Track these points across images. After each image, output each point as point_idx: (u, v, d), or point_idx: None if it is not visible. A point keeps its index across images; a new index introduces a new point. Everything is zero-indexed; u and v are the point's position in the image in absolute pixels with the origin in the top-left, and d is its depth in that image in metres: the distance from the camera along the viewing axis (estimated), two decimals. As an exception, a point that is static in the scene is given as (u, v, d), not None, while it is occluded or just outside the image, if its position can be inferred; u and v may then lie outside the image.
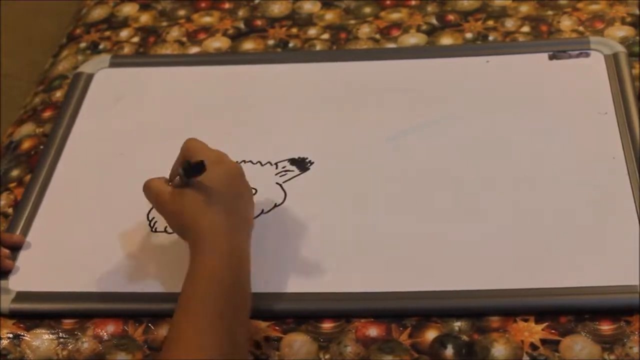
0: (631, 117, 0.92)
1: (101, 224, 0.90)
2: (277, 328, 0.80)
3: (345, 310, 0.80)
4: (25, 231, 0.90)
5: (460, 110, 0.97)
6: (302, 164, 0.93)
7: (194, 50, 1.11)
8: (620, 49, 1.00)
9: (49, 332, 0.82)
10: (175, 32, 1.14)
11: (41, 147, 1.00)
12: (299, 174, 0.92)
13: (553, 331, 0.77)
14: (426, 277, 0.81)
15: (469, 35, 1.07)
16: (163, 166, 0.95)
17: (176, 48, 1.12)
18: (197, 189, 0.77)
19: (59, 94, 1.07)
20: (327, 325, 0.79)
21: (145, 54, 1.12)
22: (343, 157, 0.94)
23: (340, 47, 1.08)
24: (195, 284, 0.74)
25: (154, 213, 0.90)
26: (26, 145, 1.01)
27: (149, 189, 0.82)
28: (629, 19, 1.05)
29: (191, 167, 0.77)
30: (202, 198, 0.77)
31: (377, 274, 0.82)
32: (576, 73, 0.99)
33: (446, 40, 1.07)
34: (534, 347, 0.76)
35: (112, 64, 1.09)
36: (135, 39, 1.14)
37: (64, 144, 0.99)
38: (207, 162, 0.76)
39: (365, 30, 1.10)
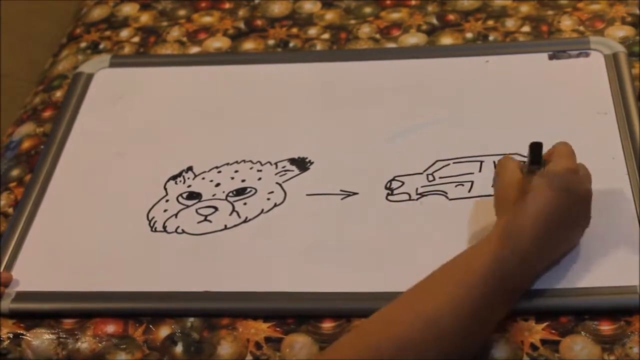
0: (631, 117, 0.92)
1: (101, 224, 0.90)
2: (277, 329, 0.80)
3: (345, 310, 0.80)
4: (25, 231, 0.90)
5: (460, 110, 0.97)
6: (302, 164, 0.93)
7: (194, 50, 1.11)
8: (620, 48, 1.00)
9: (48, 331, 0.82)
10: (175, 32, 1.14)
11: (41, 147, 1.00)
12: (299, 174, 0.93)
13: (553, 331, 0.77)
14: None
15: (469, 35, 1.07)
16: (163, 166, 0.95)
17: (176, 48, 1.12)
18: (538, 184, 0.75)
19: (59, 94, 1.07)
20: (327, 325, 0.79)
21: (145, 53, 1.12)
22: (343, 157, 0.94)
23: (340, 47, 1.08)
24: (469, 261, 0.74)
25: (154, 212, 0.90)
26: (26, 145, 1.01)
27: (504, 161, 0.81)
28: (629, 19, 1.05)
29: (533, 150, 0.76)
30: (531, 192, 0.75)
31: (377, 273, 0.82)
32: (576, 73, 0.99)
33: (446, 40, 1.07)
34: (534, 347, 0.76)
35: (112, 64, 1.09)
36: (136, 39, 1.14)
37: (64, 144, 0.99)
38: (561, 166, 0.76)
39: (365, 30, 1.10)
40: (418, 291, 0.73)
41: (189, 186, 0.92)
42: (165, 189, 0.93)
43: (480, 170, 0.90)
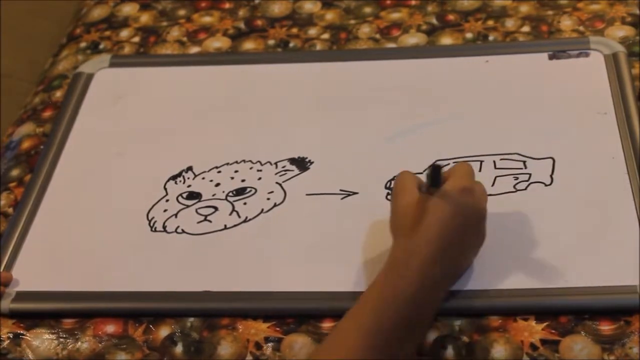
0: (631, 117, 0.92)
1: (101, 224, 0.90)
2: (277, 329, 0.80)
3: (345, 310, 0.80)
4: (25, 231, 0.90)
5: (460, 110, 0.97)
6: (302, 164, 0.93)
7: (194, 50, 1.11)
8: (620, 48, 1.00)
9: (49, 331, 0.82)
10: (175, 32, 1.14)
11: (41, 147, 1.00)
12: (299, 174, 0.93)
13: (553, 331, 0.77)
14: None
15: (469, 35, 1.07)
16: (163, 166, 0.95)
17: (176, 48, 1.12)
18: (434, 205, 0.74)
19: (59, 94, 1.07)
20: (327, 325, 0.80)
21: (145, 53, 1.12)
22: (343, 157, 0.94)
23: (340, 47, 1.08)
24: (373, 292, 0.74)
25: (154, 212, 0.90)
26: (26, 145, 1.01)
27: (402, 179, 0.79)
28: (629, 19, 1.05)
29: (433, 173, 0.75)
30: (428, 213, 0.74)
31: (377, 273, 0.82)
32: (576, 73, 0.99)
33: (446, 40, 1.07)
34: (533, 347, 0.76)
35: (112, 64, 1.09)
36: (136, 39, 1.14)
37: (64, 144, 0.99)
38: (456, 186, 0.75)
39: (365, 30, 1.10)
40: (326, 347, 0.73)
41: (189, 186, 0.92)
42: (165, 189, 0.93)
43: (480, 170, 0.90)
